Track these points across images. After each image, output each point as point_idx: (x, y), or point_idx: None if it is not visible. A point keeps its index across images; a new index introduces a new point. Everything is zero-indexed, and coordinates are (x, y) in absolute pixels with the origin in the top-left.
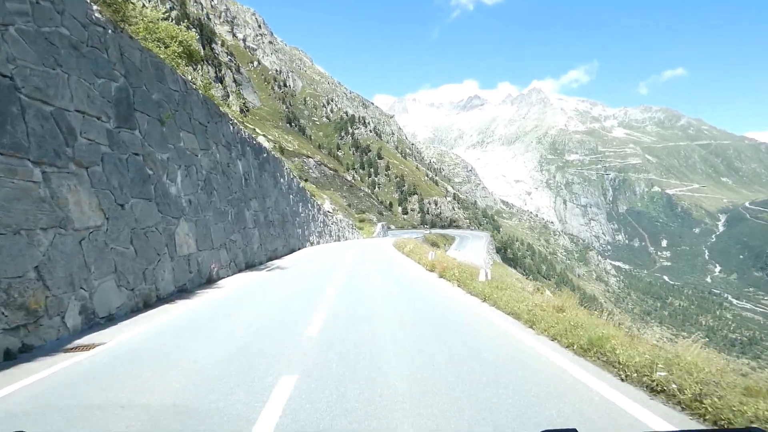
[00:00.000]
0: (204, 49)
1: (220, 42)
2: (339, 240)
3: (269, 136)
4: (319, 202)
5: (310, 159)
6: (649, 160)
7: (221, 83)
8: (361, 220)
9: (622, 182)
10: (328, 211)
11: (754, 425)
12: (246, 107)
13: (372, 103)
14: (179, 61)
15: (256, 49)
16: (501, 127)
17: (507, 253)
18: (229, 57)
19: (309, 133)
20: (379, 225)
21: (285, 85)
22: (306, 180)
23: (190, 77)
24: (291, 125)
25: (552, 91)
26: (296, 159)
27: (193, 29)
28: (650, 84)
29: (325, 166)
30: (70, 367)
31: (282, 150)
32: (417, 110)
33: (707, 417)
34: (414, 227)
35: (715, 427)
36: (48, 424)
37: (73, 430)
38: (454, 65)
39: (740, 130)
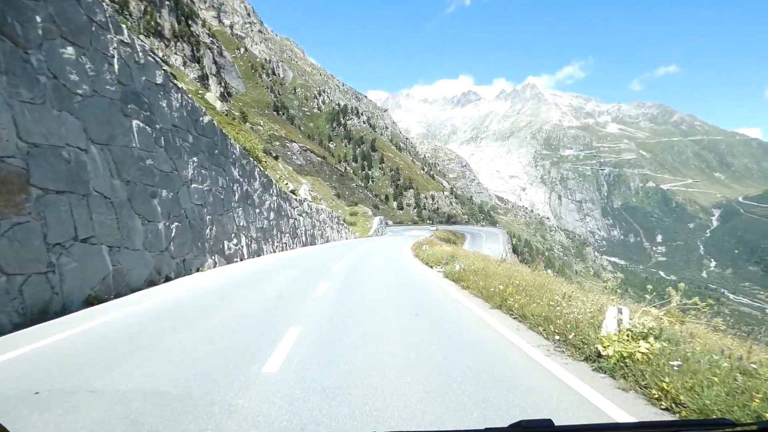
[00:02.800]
0: (179, 24)
1: (201, 23)
2: (313, 243)
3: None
4: (290, 187)
5: (294, 144)
6: (643, 155)
7: (198, 63)
8: (353, 214)
9: (617, 177)
10: (305, 198)
11: (724, 417)
12: (228, 92)
13: (365, 97)
14: None
15: (244, 38)
16: (495, 122)
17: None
18: (211, 39)
19: (298, 123)
20: (377, 219)
21: (274, 74)
22: (277, 157)
23: None
24: (279, 113)
25: (547, 87)
26: (260, 128)
27: (167, 1)
28: (643, 80)
29: (312, 152)
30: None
31: (245, 117)
32: (410, 106)
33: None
34: (415, 222)
35: (685, 419)
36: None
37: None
38: (449, 61)
39: (731, 126)
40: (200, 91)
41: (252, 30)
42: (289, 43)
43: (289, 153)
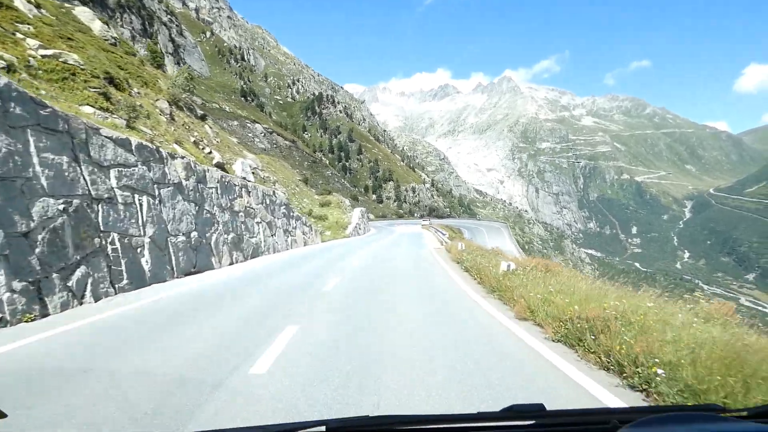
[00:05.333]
0: None
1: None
2: (203, 267)
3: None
4: (216, 159)
5: (257, 125)
6: (617, 147)
7: (151, 39)
8: (324, 204)
9: (593, 170)
10: (243, 177)
11: (711, 402)
12: (189, 74)
13: (342, 88)
14: None
15: (211, 23)
16: (472, 116)
17: None
18: (169, 17)
19: (269, 111)
20: (357, 211)
21: (243, 60)
22: (204, 116)
23: None
24: (247, 99)
25: (523, 81)
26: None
27: None
28: (617, 75)
29: (280, 135)
30: None
31: (156, 58)
32: (388, 99)
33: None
34: (400, 216)
35: (675, 404)
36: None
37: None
38: (427, 54)
39: (701, 119)
40: (65, 6)
41: (220, 15)
42: (261, 31)
43: (250, 135)
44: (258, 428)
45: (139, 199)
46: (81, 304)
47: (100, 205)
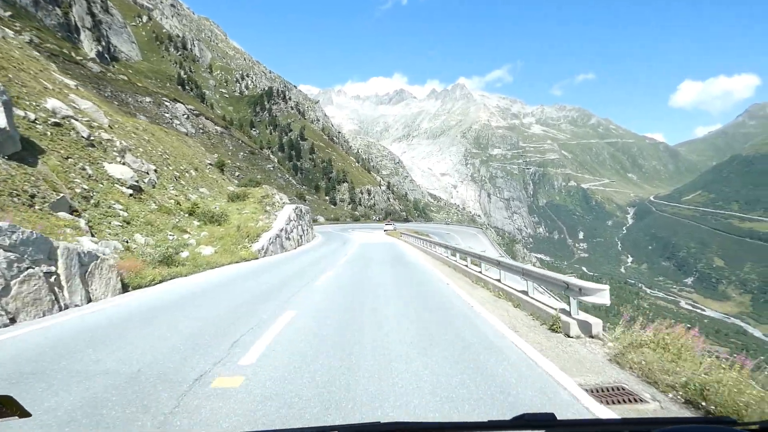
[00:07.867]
0: None
1: None
2: None
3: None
4: None
5: (178, 104)
6: (565, 155)
7: (60, 8)
8: (236, 198)
9: (542, 176)
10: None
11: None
12: (113, 56)
13: (295, 87)
14: None
15: (152, 9)
16: (426, 121)
17: None
18: None
19: (211, 103)
20: (288, 210)
21: (185, 49)
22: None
23: None
24: (185, 88)
25: (476, 89)
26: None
27: None
28: (564, 86)
29: (209, 119)
30: None
31: None
32: (342, 102)
33: None
34: (356, 219)
35: (686, 416)
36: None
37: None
38: (384, 58)
39: (641, 131)
40: None
41: (162, 2)
42: (208, 23)
43: (168, 116)
44: None
45: None
46: None
47: None
